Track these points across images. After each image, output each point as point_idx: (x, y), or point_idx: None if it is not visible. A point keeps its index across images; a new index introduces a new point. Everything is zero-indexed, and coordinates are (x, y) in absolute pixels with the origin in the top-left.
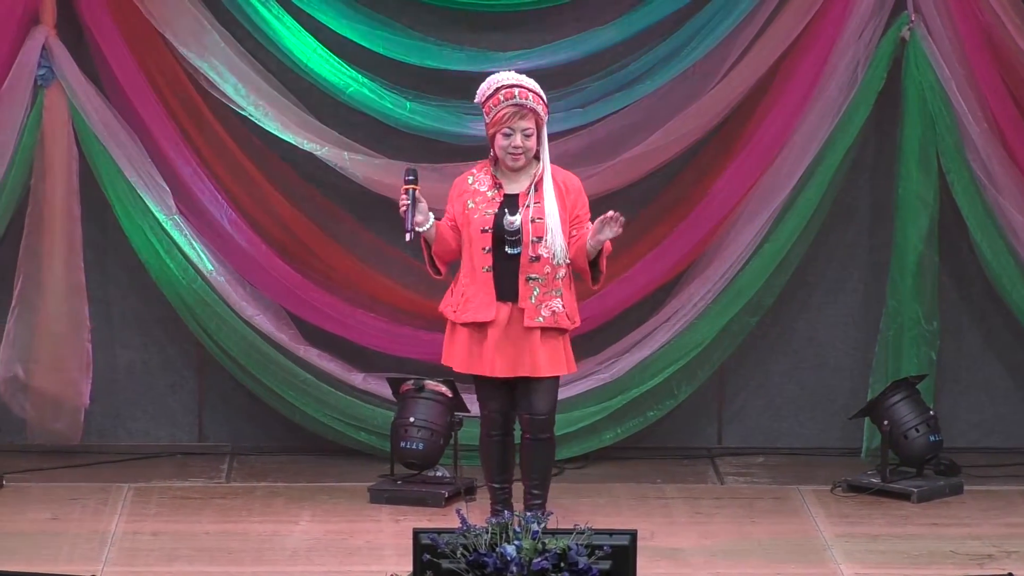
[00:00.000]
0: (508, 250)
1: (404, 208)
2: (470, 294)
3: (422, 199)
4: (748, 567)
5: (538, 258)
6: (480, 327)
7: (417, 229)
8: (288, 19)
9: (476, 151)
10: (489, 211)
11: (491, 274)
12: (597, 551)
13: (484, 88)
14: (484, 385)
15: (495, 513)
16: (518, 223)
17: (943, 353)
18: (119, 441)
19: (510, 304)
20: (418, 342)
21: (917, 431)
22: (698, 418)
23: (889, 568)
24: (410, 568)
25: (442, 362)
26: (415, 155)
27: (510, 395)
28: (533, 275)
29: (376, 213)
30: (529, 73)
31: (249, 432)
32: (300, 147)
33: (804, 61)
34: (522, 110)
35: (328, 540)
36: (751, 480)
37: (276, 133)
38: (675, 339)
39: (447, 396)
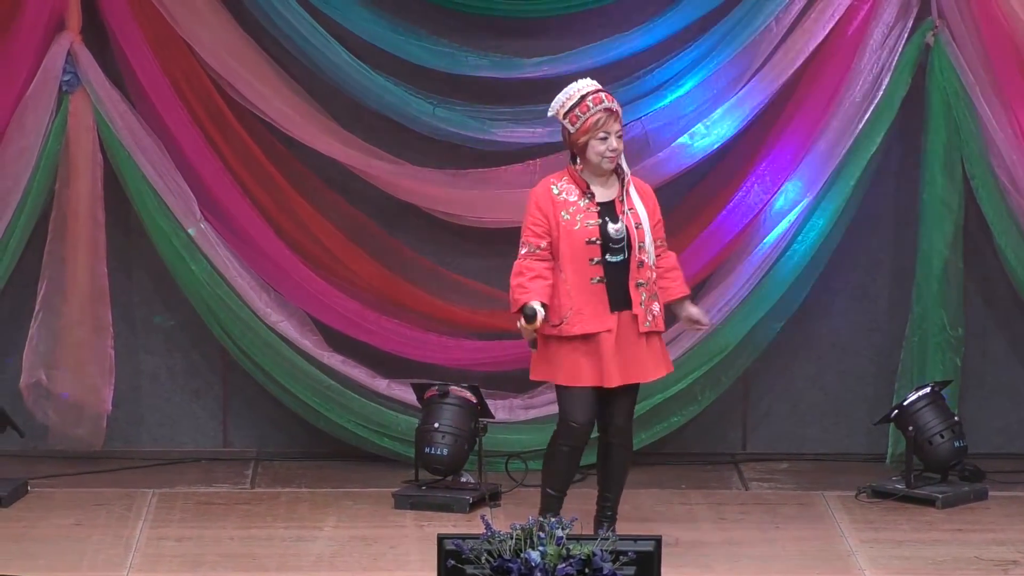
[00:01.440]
0: (610, 258)
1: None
2: (580, 306)
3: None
4: (772, 573)
5: (643, 263)
6: (588, 338)
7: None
8: (313, 25)
9: (500, 157)
10: (591, 222)
11: (603, 284)
12: (621, 557)
13: (564, 99)
14: (577, 397)
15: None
16: (624, 230)
17: (968, 359)
18: (143, 447)
19: (618, 313)
20: (443, 348)
21: (942, 437)
22: (722, 424)
23: (914, 574)
24: (434, 574)
25: (532, 378)
26: (440, 162)
27: (596, 409)
28: (641, 281)
29: (400, 219)
30: (554, 79)
31: (273, 438)
32: (324, 153)
33: (828, 67)
34: (613, 114)
35: (352, 546)
36: (775, 486)
37: (301, 139)
38: (699, 345)
39: (472, 402)
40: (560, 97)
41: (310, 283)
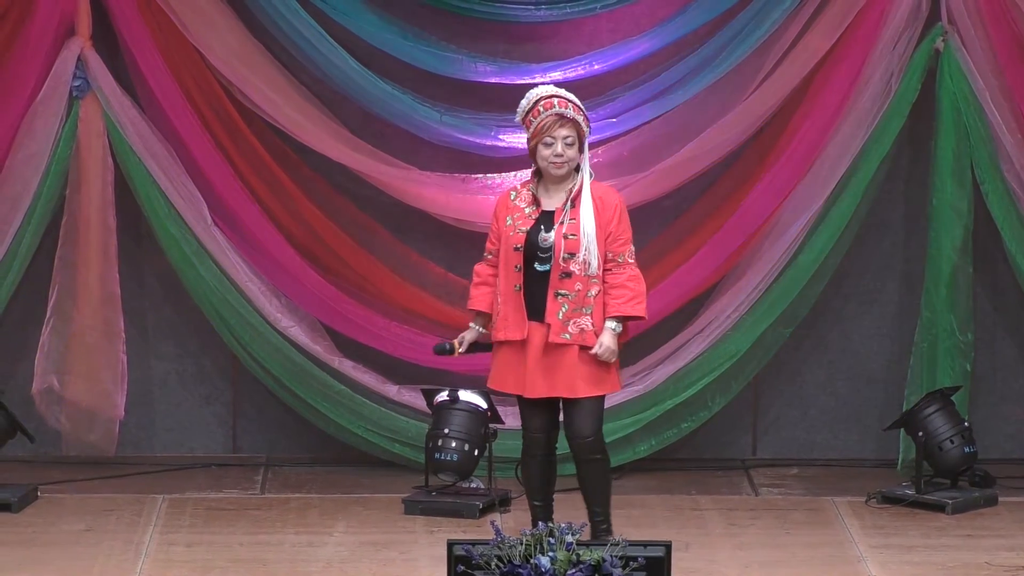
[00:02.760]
0: (537, 267)
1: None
2: (505, 312)
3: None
4: None
5: (569, 274)
6: (518, 347)
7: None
8: (322, 31)
9: (508, 163)
10: (523, 228)
11: (522, 292)
12: (632, 562)
13: (523, 104)
14: (525, 405)
15: None
16: (552, 239)
17: (977, 364)
18: (154, 452)
19: (538, 322)
20: None
21: (952, 442)
22: (732, 429)
23: None
24: None
25: (487, 384)
26: (448, 167)
27: (552, 414)
28: (562, 291)
29: (410, 225)
30: (562, 84)
31: (283, 443)
32: (334, 159)
33: (838, 72)
34: (562, 119)
35: (362, 551)
36: (786, 491)
37: (310, 145)
38: (709, 350)
39: (482, 408)
40: (521, 103)
41: (320, 288)
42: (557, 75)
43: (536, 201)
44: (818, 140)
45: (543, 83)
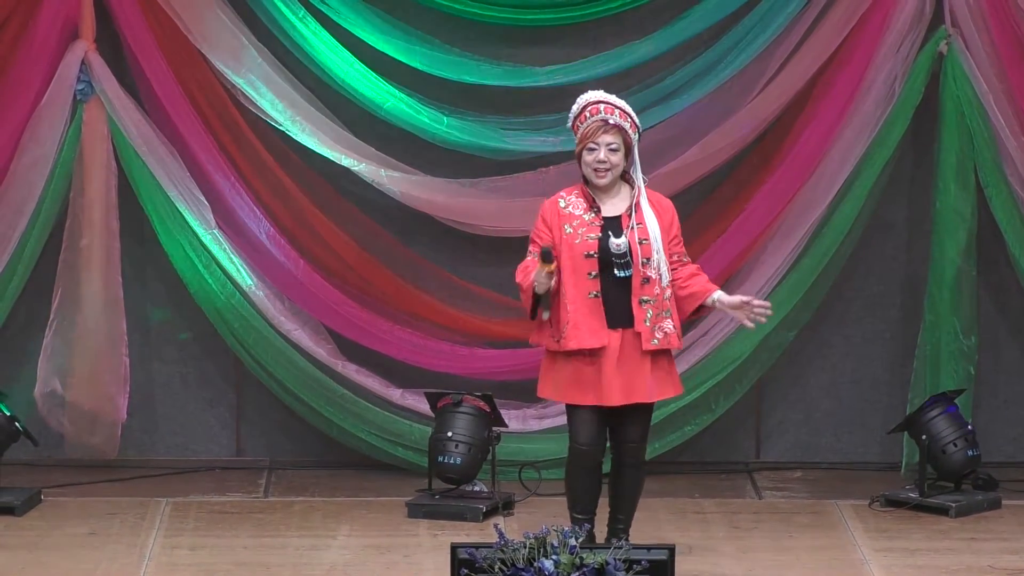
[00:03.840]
0: (618, 273)
1: (543, 290)
2: (577, 320)
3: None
4: None
5: (648, 280)
6: (589, 355)
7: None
8: (325, 35)
9: (513, 166)
10: (591, 235)
11: (600, 299)
12: (635, 566)
13: (573, 109)
14: (582, 416)
15: None
16: (625, 245)
17: (981, 367)
18: (157, 456)
19: (621, 330)
20: (456, 357)
21: (955, 446)
22: (736, 433)
23: None
24: None
25: (539, 395)
26: (453, 170)
27: (603, 426)
28: (646, 297)
29: (414, 229)
30: (567, 88)
31: (287, 447)
32: (337, 162)
33: (841, 75)
34: (606, 125)
35: (366, 555)
36: (789, 495)
37: (314, 148)
38: (713, 354)
39: (485, 411)
40: (572, 108)
41: (324, 292)
42: (560, 78)
43: (596, 207)
44: (821, 144)
45: (547, 86)
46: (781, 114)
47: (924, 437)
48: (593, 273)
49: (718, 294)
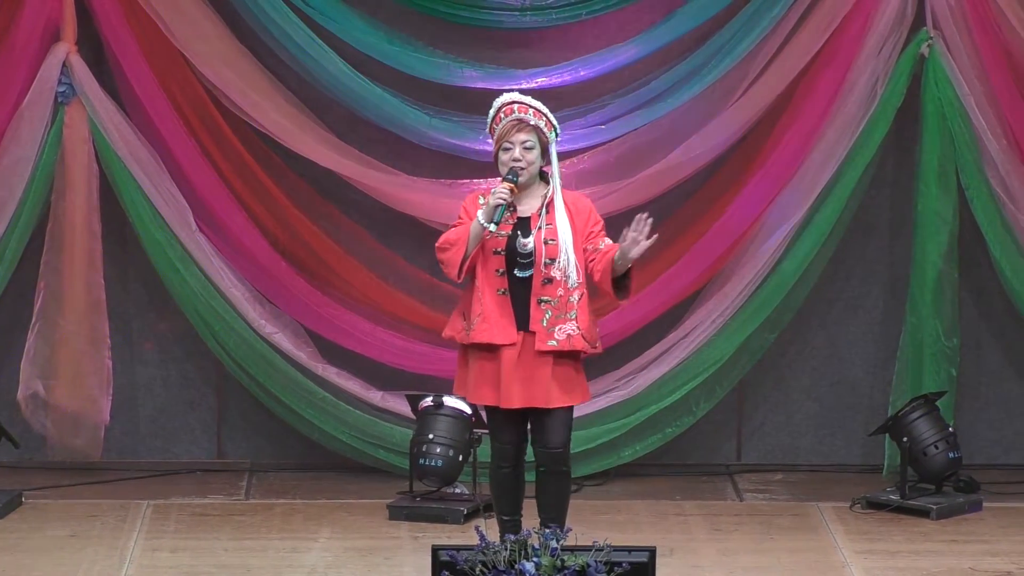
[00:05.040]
0: (518, 273)
1: (499, 203)
2: (487, 315)
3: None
4: None
5: (551, 280)
6: (493, 355)
7: (491, 229)
8: (309, 36)
9: (496, 168)
10: (502, 233)
11: (508, 297)
12: (616, 568)
13: (490, 113)
14: (496, 415)
15: None
16: (531, 245)
17: (963, 370)
18: (138, 458)
19: (524, 332)
20: (437, 360)
21: (936, 448)
22: (717, 435)
23: None
24: None
25: (454, 391)
26: (435, 172)
27: (523, 425)
28: (546, 298)
29: (395, 230)
30: (550, 90)
31: (268, 449)
32: (320, 164)
33: (823, 78)
34: (520, 124)
35: (347, 557)
36: (770, 497)
37: (296, 150)
38: (694, 356)
39: (466, 413)
40: (490, 110)
41: (305, 294)
42: (543, 80)
43: (512, 206)
44: (803, 146)
45: (529, 89)
46: (763, 116)
47: (905, 439)
48: (500, 271)
49: (619, 251)
